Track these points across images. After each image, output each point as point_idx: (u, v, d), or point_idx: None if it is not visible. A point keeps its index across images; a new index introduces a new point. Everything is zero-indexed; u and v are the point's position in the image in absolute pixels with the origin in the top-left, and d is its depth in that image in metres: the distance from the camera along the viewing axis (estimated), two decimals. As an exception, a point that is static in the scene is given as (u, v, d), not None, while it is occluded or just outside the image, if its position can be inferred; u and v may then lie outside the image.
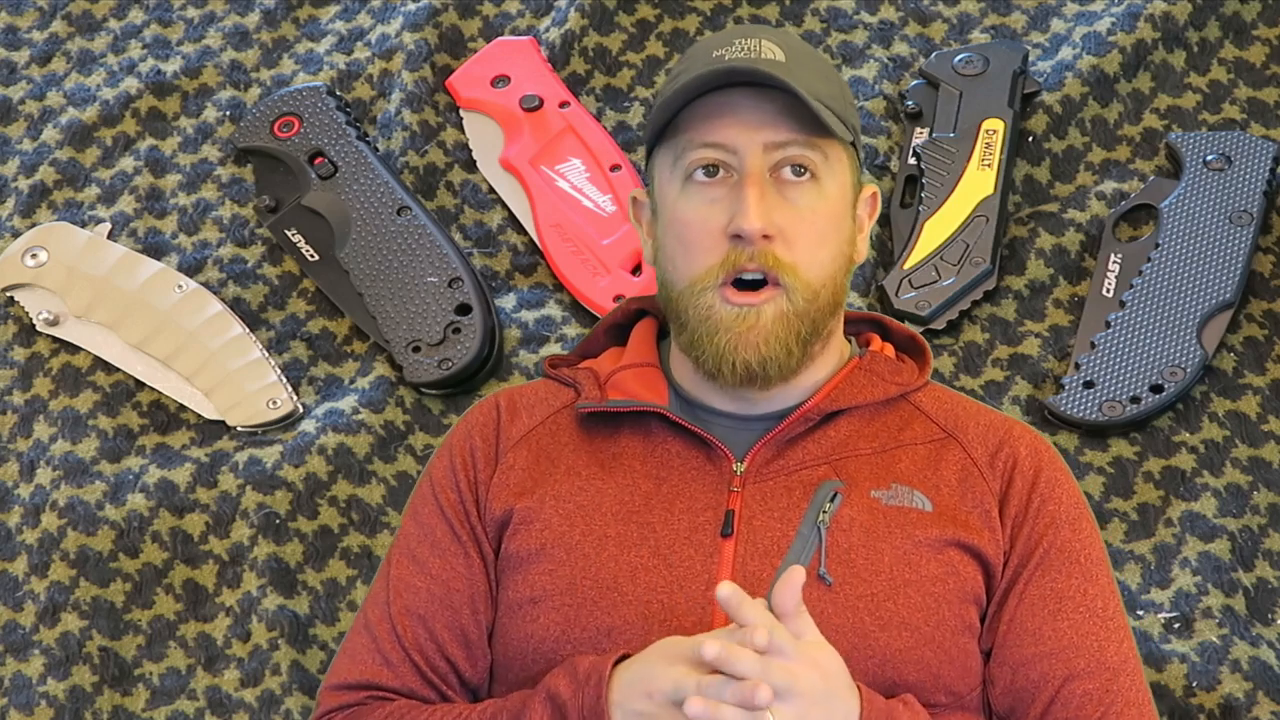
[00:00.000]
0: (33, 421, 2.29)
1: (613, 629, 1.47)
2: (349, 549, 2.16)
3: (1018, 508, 1.52)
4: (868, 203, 1.59)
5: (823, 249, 1.50)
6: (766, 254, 1.48)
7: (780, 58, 1.50)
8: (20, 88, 2.59)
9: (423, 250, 2.31)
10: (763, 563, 1.47)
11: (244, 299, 2.35)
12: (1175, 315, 2.20)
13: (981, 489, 1.52)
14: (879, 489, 1.51)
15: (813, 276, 1.49)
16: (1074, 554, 1.52)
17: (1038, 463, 1.55)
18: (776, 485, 1.51)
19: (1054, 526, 1.52)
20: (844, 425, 1.54)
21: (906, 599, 1.46)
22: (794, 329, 1.49)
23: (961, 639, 1.49)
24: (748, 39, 1.52)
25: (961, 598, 1.49)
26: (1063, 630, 1.49)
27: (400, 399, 2.25)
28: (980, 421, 1.57)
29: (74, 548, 2.17)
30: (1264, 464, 2.13)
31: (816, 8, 2.53)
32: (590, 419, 1.57)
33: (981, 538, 1.50)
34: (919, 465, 1.53)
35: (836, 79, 1.56)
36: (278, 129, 2.45)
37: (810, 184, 1.50)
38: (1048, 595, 1.50)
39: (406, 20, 2.54)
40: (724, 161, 1.50)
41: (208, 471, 2.20)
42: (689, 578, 1.48)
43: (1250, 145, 2.32)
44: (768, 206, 1.48)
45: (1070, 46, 2.44)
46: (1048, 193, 2.37)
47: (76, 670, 2.10)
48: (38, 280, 2.36)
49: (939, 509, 1.50)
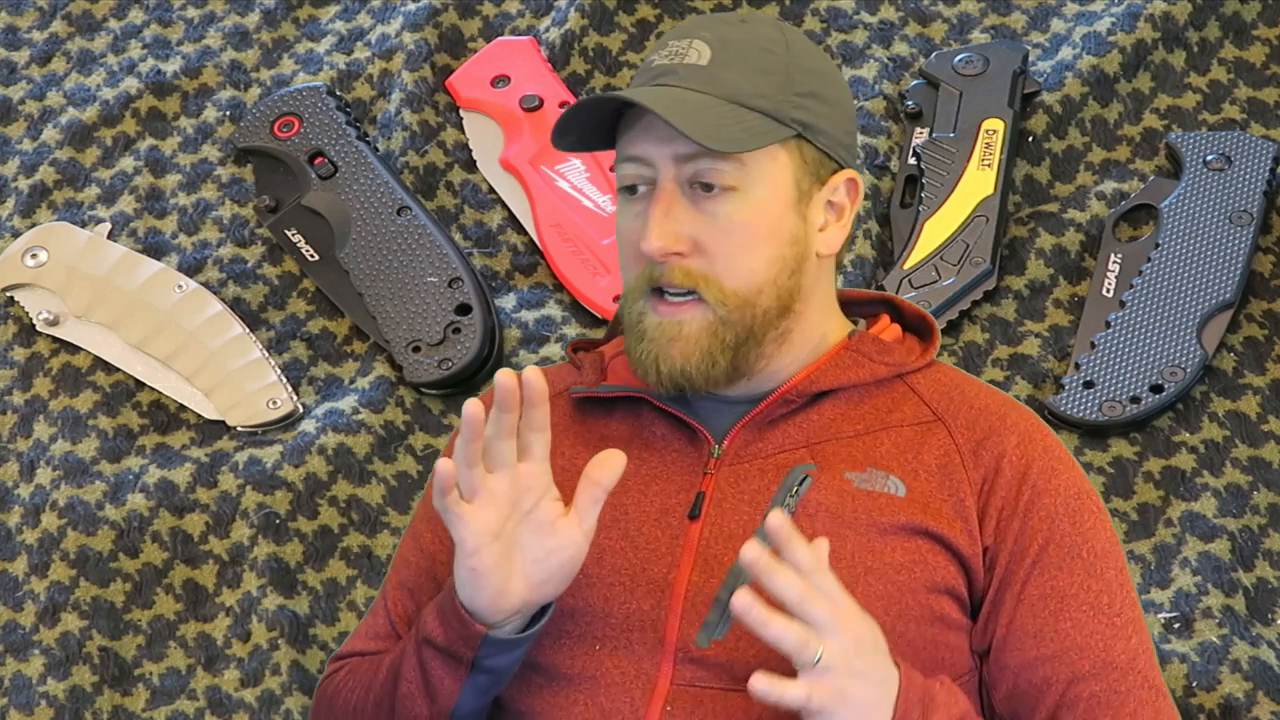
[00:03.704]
0: (33, 421, 2.29)
1: (575, 611, 1.48)
2: (349, 549, 2.16)
3: (1004, 502, 1.48)
4: (845, 188, 1.53)
5: (749, 256, 1.47)
6: (675, 270, 1.46)
7: (703, 59, 1.47)
8: (20, 88, 2.59)
9: (423, 250, 2.31)
10: (725, 546, 1.46)
11: (244, 299, 2.35)
12: (1175, 315, 2.20)
13: (960, 478, 1.49)
14: (854, 471, 1.48)
15: (739, 286, 1.47)
16: (1074, 548, 1.48)
17: (1028, 454, 1.50)
18: (751, 468, 1.50)
19: (1050, 521, 1.48)
20: (829, 407, 1.52)
21: (867, 587, 1.44)
22: (720, 338, 1.47)
23: (928, 629, 1.46)
24: (680, 40, 1.49)
25: (929, 587, 1.46)
26: (1065, 630, 1.46)
27: (400, 399, 2.25)
28: (974, 405, 1.53)
29: (74, 548, 2.17)
30: (1264, 464, 2.13)
31: (816, 8, 2.53)
32: (586, 403, 1.58)
33: (953, 528, 1.47)
34: (900, 448, 1.50)
35: (781, 71, 1.49)
36: (278, 129, 2.45)
37: (727, 195, 1.46)
38: (1048, 594, 1.46)
39: (406, 20, 2.54)
40: (644, 176, 1.49)
41: (208, 471, 2.20)
42: (652, 559, 1.47)
43: (1250, 145, 2.32)
44: (674, 222, 1.46)
45: (1070, 46, 2.44)
46: (1048, 193, 2.37)
47: (76, 670, 2.10)
48: (38, 280, 2.36)
49: (912, 494, 1.48)
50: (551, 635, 1.49)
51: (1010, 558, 1.47)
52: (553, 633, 1.48)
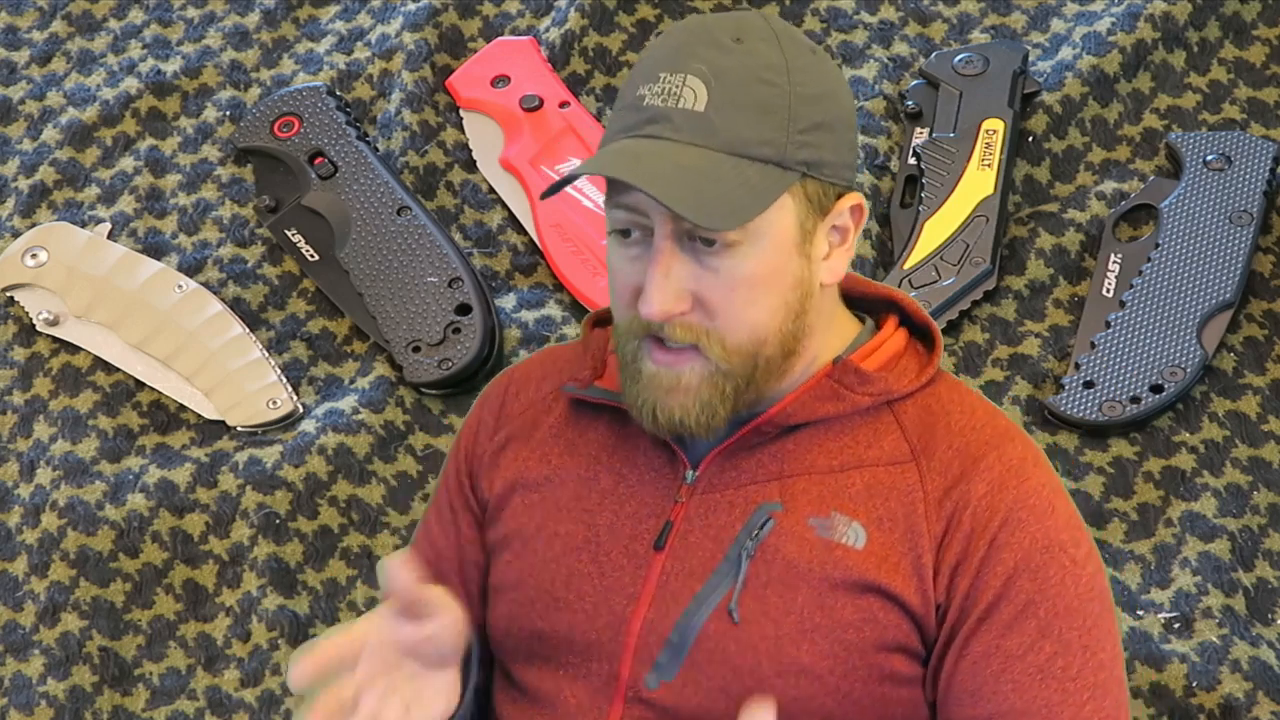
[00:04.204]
0: (33, 421, 2.29)
1: (543, 633, 1.47)
2: (349, 549, 2.16)
3: (958, 558, 1.40)
4: (849, 214, 1.44)
5: (752, 309, 1.40)
6: (676, 328, 1.40)
7: (699, 104, 1.37)
8: (20, 88, 2.59)
9: (423, 250, 2.31)
10: (683, 584, 1.43)
11: (244, 299, 2.35)
12: (1175, 315, 2.20)
13: (921, 530, 1.42)
14: (817, 516, 1.43)
15: (742, 340, 1.41)
16: (1029, 606, 1.39)
17: (994, 505, 1.42)
18: (720, 499, 1.46)
19: (1005, 578, 1.40)
20: (805, 437, 1.46)
21: (812, 645, 1.40)
22: (720, 389, 1.42)
23: (876, 687, 1.41)
24: (673, 75, 1.38)
25: (879, 646, 1.41)
26: (1004, 693, 1.38)
27: (400, 399, 2.25)
28: (954, 444, 1.44)
29: (74, 548, 2.17)
30: (1264, 464, 2.13)
31: (816, 8, 2.53)
32: (577, 403, 1.54)
33: (907, 586, 1.41)
34: (869, 491, 1.44)
35: (782, 109, 1.38)
36: (278, 129, 2.45)
37: (729, 249, 1.38)
38: (991, 653, 1.39)
39: (406, 20, 2.54)
40: (637, 223, 1.40)
41: (208, 471, 2.20)
42: (614, 590, 1.45)
43: (1250, 145, 2.32)
44: (674, 281, 1.39)
45: (1070, 46, 2.44)
46: (1048, 193, 2.37)
47: (76, 670, 2.10)
48: (38, 280, 2.36)
49: (870, 547, 1.41)
50: (524, 653, 1.48)
51: (958, 613, 1.41)
52: (524, 650, 1.48)
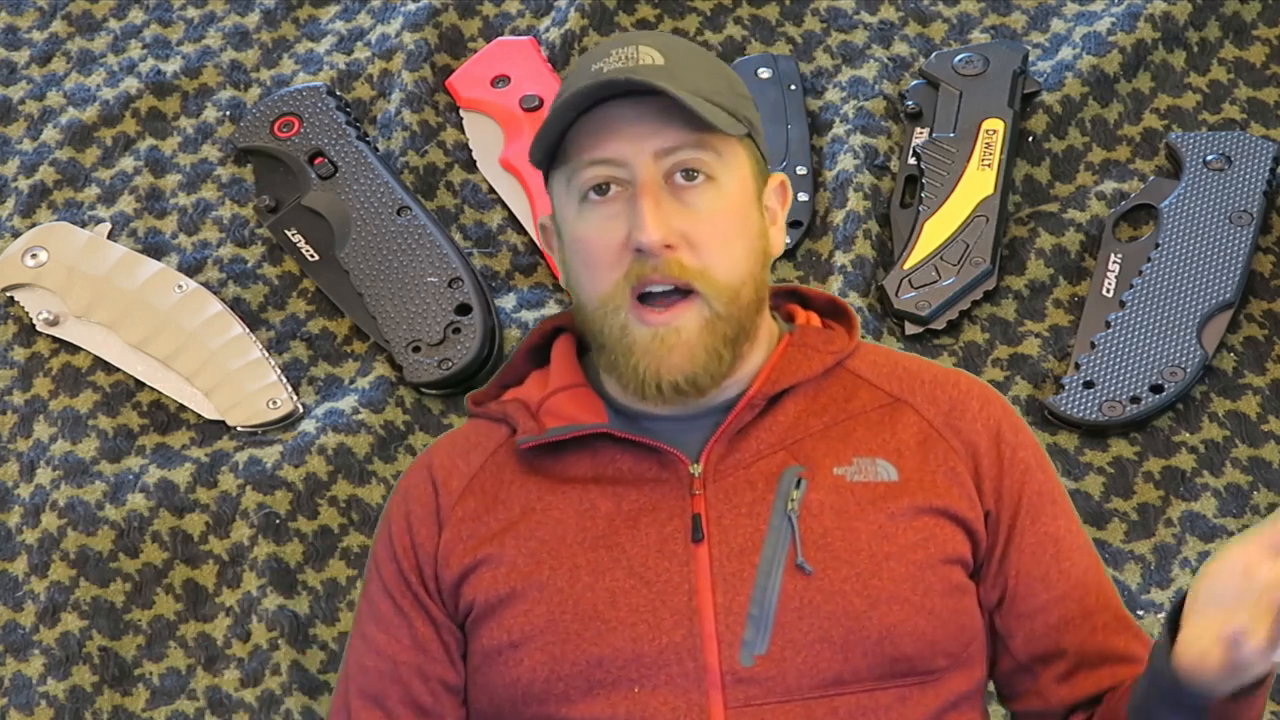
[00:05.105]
0: (33, 421, 2.29)
1: (602, 659, 1.44)
2: (349, 549, 2.16)
3: (990, 463, 1.51)
4: (777, 193, 1.54)
5: (732, 247, 1.47)
6: (671, 263, 1.45)
7: (659, 61, 1.47)
8: (20, 88, 2.59)
9: (423, 250, 2.31)
10: (740, 562, 1.45)
11: (244, 299, 2.35)
12: (1175, 315, 2.20)
13: (943, 449, 1.50)
14: (841, 465, 1.48)
15: (730, 277, 1.46)
16: (1051, 495, 1.54)
17: (992, 414, 1.53)
18: (738, 480, 1.48)
19: (1028, 473, 1.52)
20: (790, 406, 1.51)
21: (891, 572, 1.44)
22: (720, 333, 1.46)
23: (951, 600, 1.47)
24: (624, 47, 1.48)
25: (944, 559, 1.47)
26: (1067, 570, 1.51)
27: (400, 399, 2.25)
28: (923, 379, 1.54)
29: (74, 548, 2.17)
30: (1264, 464, 2.13)
31: (816, 8, 2.53)
32: (532, 452, 1.52)
33: (951, 496, 1.49)
34: (875, 432, 1.50)
35: (724, 74, 1.52)
36: (278, 129, 2.45)
37: (707, 185, 1.47)
38: (1045, 540, 1.51)
39: (406, 20, 2.54)
40: (615, 177, 1.46)
41: (208, 471, 2.20)
42: (669, 590, 1.45)
43: (1250, 145, 2.32)
44: (665, 215, 1.45)
45: (1070, 46, 2.44)
46: (1048, 193, 2.37)
47: (76, 670, 2.10)
48: (38, 280, 2.36)
49: (904, 477, 1.48)
50: (580, 689, 1.45)
51: (1007, 514, 1.51)
52: (581, 686, 1.45)
